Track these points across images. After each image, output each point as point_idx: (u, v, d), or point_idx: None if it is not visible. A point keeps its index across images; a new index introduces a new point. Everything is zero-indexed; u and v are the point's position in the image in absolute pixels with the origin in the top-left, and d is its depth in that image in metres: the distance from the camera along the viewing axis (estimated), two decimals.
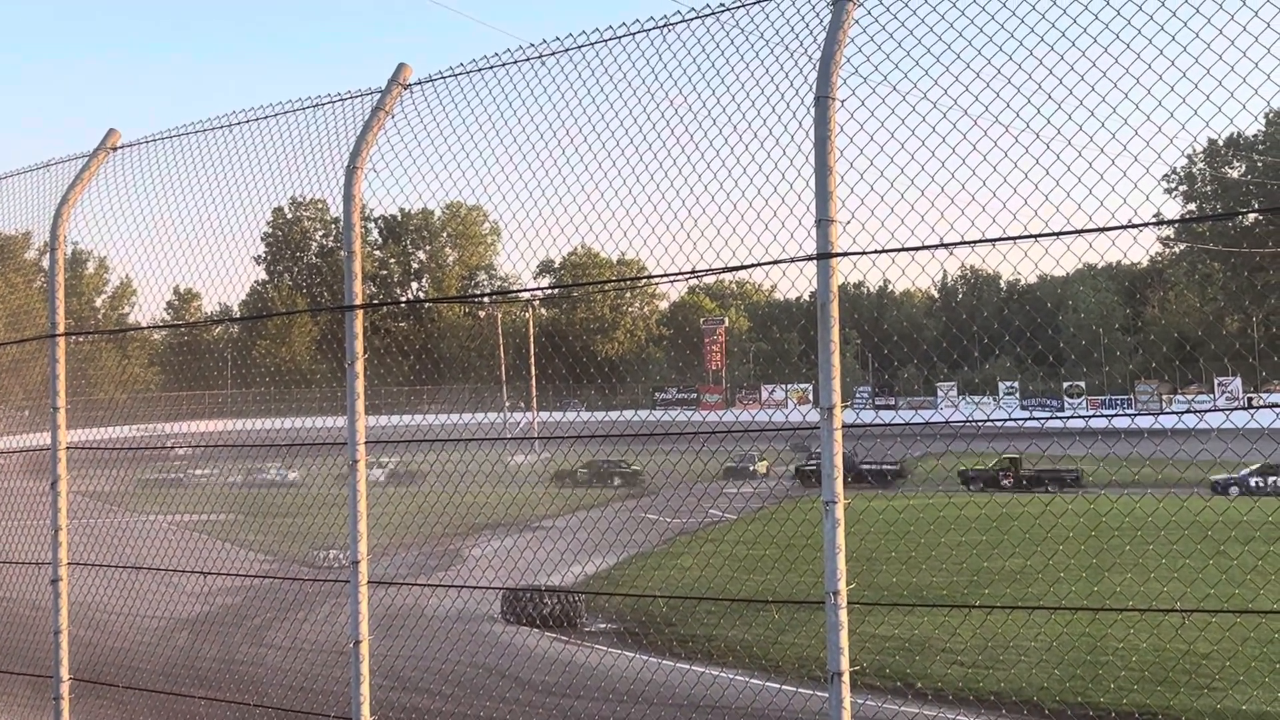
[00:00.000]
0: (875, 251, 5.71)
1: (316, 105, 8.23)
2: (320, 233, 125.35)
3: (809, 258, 5.72)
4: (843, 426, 5.65)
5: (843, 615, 5.57)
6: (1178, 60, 5.38)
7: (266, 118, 8.56)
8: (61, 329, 9.14)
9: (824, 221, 5.63)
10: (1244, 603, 16.49)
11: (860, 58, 5.94)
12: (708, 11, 6.51)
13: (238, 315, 63.64)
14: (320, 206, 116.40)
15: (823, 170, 5.65)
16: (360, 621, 7.18)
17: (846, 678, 5.58)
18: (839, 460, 5.57)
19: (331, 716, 7.78)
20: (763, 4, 6.33)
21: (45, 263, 9.46)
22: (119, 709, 11.16)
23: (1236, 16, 5.19)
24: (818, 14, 6.07)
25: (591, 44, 7.00)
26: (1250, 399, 75.45)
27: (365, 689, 7.21)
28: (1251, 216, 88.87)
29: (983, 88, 5.80)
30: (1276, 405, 6.02)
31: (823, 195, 5.65)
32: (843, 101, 5.79)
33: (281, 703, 13.25)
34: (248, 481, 43.21)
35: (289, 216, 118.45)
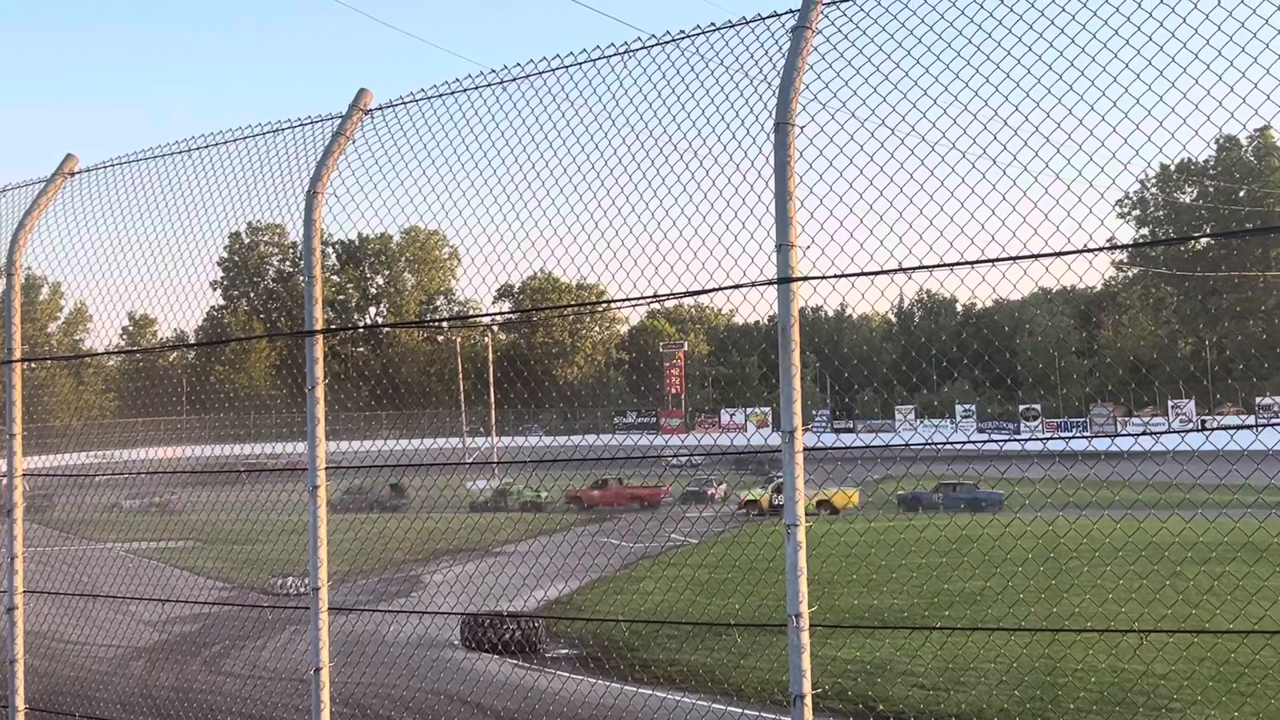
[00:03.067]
0: (835, 276, 5.76)
1: (276, 130, 8.22)
2: (277, 257, 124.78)
3: (770, 282, 5.76)
4: (804, 449, 5.68)
5: (805, 638, 5.59)
6: (1131, 87, 5.48)
7: (225, 143, 8.55)
8: (18, 355, 9.06)
9: (784, 246, 5.67)
10: (1200, 623, 16.64)
11: (819, 84, 6.01)
12: (668, 38, 6.56)
13: (193, 341, 63.17)
14: (278, 231, 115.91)
15: (783, 195, 5.70)
16: (321, 648, 7.14)
17: (809, 700, 5.60)
18: (801, 484, 5.60)
19: None
20: (722, 31, 6.39)
21: None
22: None
23: (1189, 44, 5.28)
24: (777, 41, 6.14)
25: (552, 70, 7.04)
26: (1204, 421, 76.27)
27: (326, 715, 7.16)
28: (1204, 240, 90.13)
29: (940, 114, 5.88)
30: (1230, 428, 6.11)
31: (783, 220, 5.69)
32: (802, 128, 5.84)
33: None
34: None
35: (246, 241, 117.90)
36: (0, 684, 9.10)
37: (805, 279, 5.71)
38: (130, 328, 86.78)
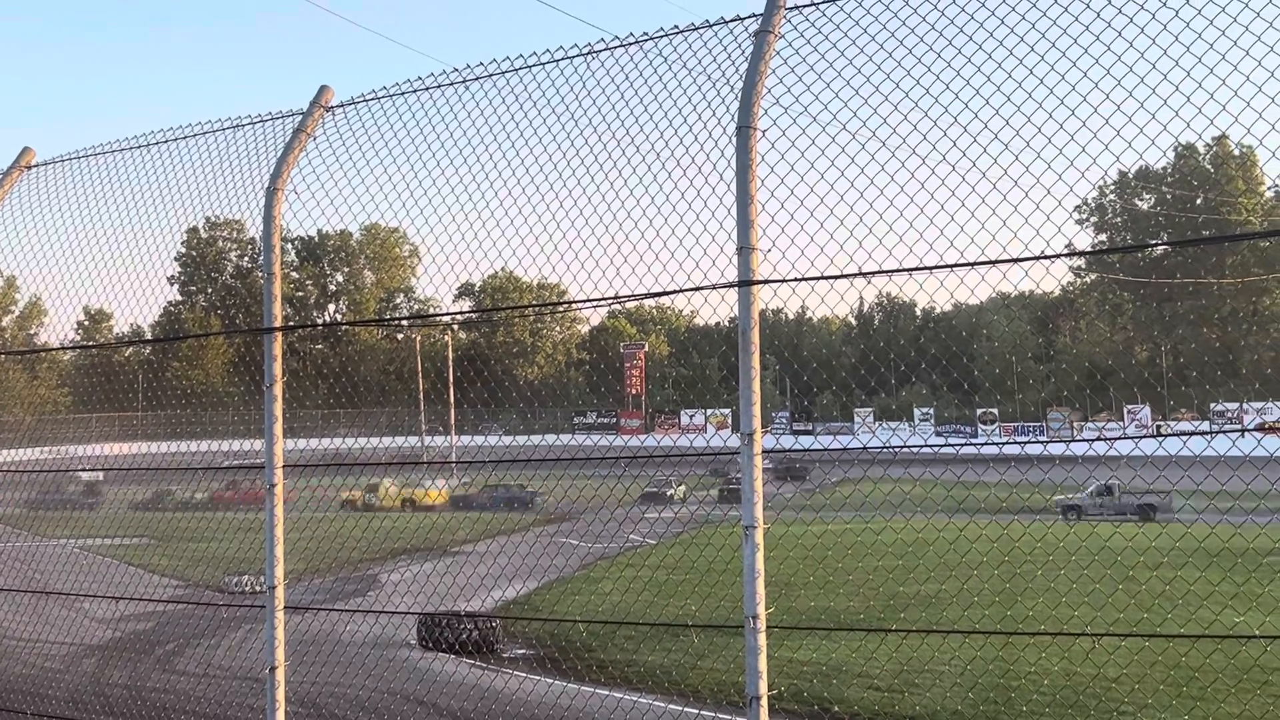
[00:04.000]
0: (796, 280, 5.79)
1: (236, 126, 8.17)
2: (236, 253, 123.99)
3: (731, 285, 5.77)
4: (763, 452, 5.70)
5: (762, 639, 5.61)
6: (1089, 96, 5.53)
7: (185, 138, 8.49)
8: None
9: (745, 249, 5.69)
10: (1152, 627, 16.82)
11: (781, 88, 6.03)
12: (631, 40, 6.57)
13: (149, 336, 62.65)
14: (236, 227, 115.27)
15: (744, 198, 5.71)
16: (276, 647, 7.10)
17: (765, 702, 5.62)
18: (759, 485, 5.62)
19: None
20: (686, 34, 6.40)
21: None
22: None
23: (1146, 54, 5.34)
24: (739, 45, 6.16)
25: (515, 70, 7.03)
26: (1158, 427, 77.05)
27: (281, 715, 7.12)
28: (1160, 248, 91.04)
29: (900, 120, 5.92)
30: (1186, 434, 6.19)
31: (744, 223, 5.71)
32: (764, 131, 5.86)
33: None
34: None
35: (204, 237, 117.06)
36: None
37: (766, 282, 5.73)
38: (86, 322, 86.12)
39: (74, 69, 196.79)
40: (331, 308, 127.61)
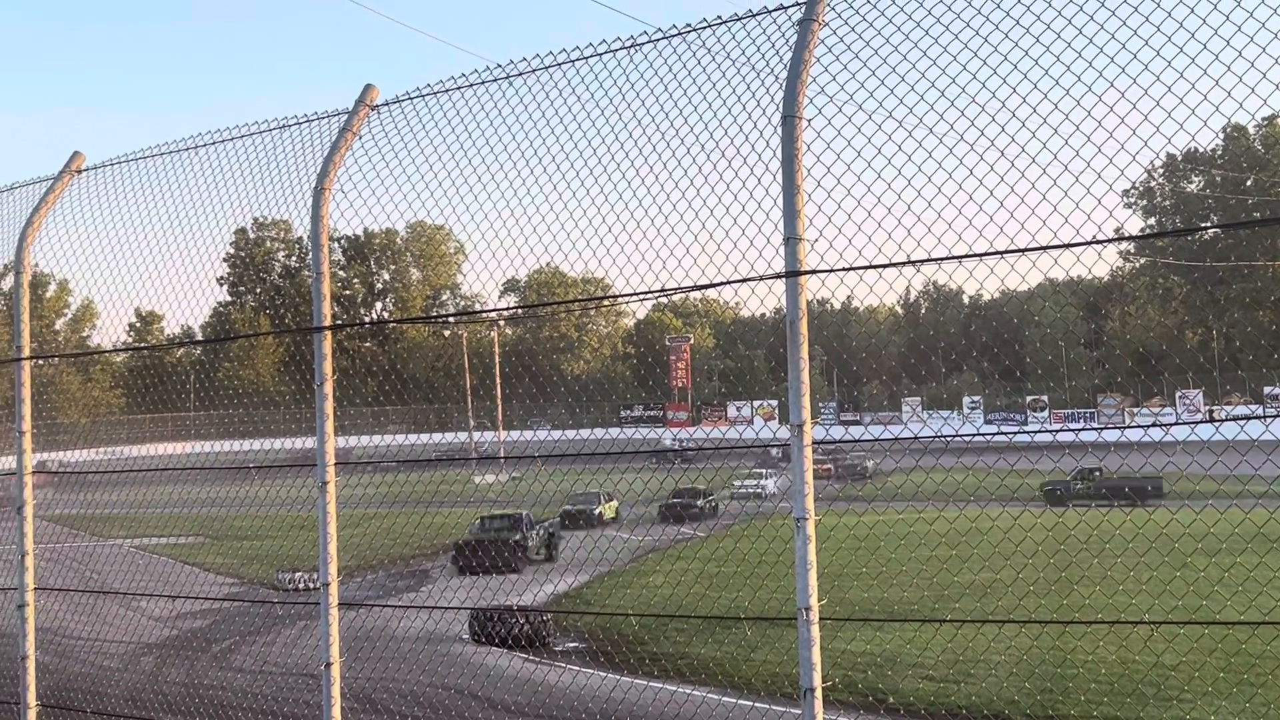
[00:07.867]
0: (844, 269, 5.74)
1: (283, 127, 8.21)
2: (283, 253, 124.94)
3: (778, 275, 5.74)
4: (813, 443, 5.67)
5: (815, 631, 5.58)
6: (1139, 78, 5.46)
7: (232, 139, 8.54)
8: (26, 353, 9.07)
9: (792, 240, 5.66)
10: (1210, 614, 16.61)
11: (826, 77, 5.98)
12: (674, 32, 6.54)
13: (200, 337, 63.33)
14: (283, 227, 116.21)
15: (790, 189, 5.68)
16: (331, 644, 7.14)
17: (819, 694, 5.59)
18: (809, 477, 5.58)
19: None
20: (729, 25, 6.36)
21: (5, 285, 9.40)
22: None
23: (1197, 35, 5.26)
24: (784, 34, 6.11)
25: (559, 64, 7.02)
26: (1211, 412, 76.12)
27: (336, 711, 7.16)
28: (1211, 230, 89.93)
29: (947, 106, 5.86)
30: (1241, 418, 6.11)
31: (790, 214, 5.67)
32: (809, 121, 5.82)
33: None
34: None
35: (252, 237, 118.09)
36: (11, 680, 9.11)
37: (814, 272, 5.70)
38: (137, 324, 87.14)
39: (120, 74, 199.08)
40: (378, 306, 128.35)
